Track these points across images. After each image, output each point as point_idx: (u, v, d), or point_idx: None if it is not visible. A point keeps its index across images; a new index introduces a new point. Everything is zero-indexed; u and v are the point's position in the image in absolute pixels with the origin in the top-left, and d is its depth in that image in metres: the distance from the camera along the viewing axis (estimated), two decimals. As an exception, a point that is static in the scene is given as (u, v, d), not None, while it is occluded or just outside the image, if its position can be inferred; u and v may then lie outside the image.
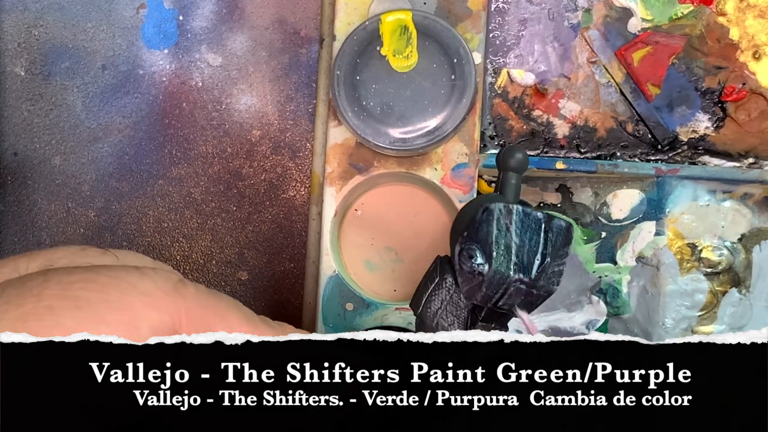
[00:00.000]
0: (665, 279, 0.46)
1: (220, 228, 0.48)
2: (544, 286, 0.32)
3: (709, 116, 0.46)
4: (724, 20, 0.46)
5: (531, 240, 0.32)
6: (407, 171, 0.45)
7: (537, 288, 0.32)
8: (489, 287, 0.32)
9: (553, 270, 0.32)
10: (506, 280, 0.31)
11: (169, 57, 0.47)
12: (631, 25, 0.46)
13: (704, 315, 0.47)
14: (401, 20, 0.42)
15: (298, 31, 0.47)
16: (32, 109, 0.47)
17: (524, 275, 0.32)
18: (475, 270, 0.32)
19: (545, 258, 0.32)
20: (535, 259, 0.32)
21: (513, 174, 0.35)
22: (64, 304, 0.25)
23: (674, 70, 0.46)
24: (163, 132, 0.48)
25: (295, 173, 0.48)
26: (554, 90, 0.46)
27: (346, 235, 0.46)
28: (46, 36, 0.47)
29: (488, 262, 0.31)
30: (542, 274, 0.32)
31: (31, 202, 0.48)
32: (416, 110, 0.43)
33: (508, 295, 0.32)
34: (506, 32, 0.46)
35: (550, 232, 0.32)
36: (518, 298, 0.32)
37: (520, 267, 0.32)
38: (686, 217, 0.46)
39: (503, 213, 0.32)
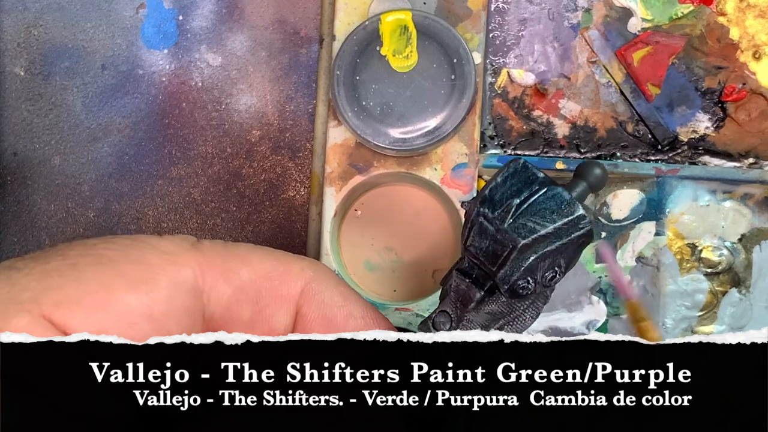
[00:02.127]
0: (665, 279, 0.46)
1: (220, 228, 0.48)
2: (507, 232, 0.30)
3: (709, 116, 0.46)
4: (724, 20, 0.46)
5: (513, 186, 0.30)
6: (407, 171, 0.45)
7: (500, 231, 0.30)
8: (464, 223, 0.31)
9: (524, 223, 0.30)
10: (472, 211, 0.30)
11: (168, 57, 0.47)
12: (631, 25, 0.46)
13: (704, 315, 0.47)
14: (401, 20, 0.42)
15: (298, 31, 0.47)
16: (32, 109, 0.47)
17: (488, 209, 0.30)
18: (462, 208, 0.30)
19: (518, 206, 0.30)
20: (506, 202, 0.30)
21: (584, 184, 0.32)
22: (87, 261, 0.26)
23: (674, 70, 0.46)
24: (163, 132, 0.48)
25: (295, 173, 0.48)
26: (554, 90, 0.46)
27: (345, 235, 0.46)
28: (46, 36, 0.47)
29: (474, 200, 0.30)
30: (507, 217, 0.30)
31: (30, 202, 0.48)
32: (416, 110, 0.43)
33: (473, 232, 0.30)
34: (506, 32, 0.46)
35: (541, 190, 0.30)
36: (483, 240, 0.30)
37: (487, 202, 0.30)
38: (686, 218, 0.46)
39: (510, 163, 0.31)
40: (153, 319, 0.26)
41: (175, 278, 0.27)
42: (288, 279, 0.29)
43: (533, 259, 0.30)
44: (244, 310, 0.29)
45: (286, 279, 0.29)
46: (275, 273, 0.29)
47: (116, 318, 0.26)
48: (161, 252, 0.27)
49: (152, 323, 0.26)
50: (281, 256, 0.30)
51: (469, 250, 0.31)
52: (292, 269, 0.29)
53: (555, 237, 0.30)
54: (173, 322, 0.27)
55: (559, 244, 0.30)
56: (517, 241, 0.30)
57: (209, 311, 0.28)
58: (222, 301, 0.28)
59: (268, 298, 0.29)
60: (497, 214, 0.30)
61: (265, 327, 0.29)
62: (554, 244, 0.30)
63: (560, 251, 0.31)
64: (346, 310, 0.29)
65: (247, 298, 0.28)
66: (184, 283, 0.27)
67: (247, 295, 0.28)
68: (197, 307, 0.28)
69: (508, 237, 0.30)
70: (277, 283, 0.29)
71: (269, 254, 0.29)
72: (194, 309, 0.28)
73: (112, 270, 0.26)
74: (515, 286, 0.31)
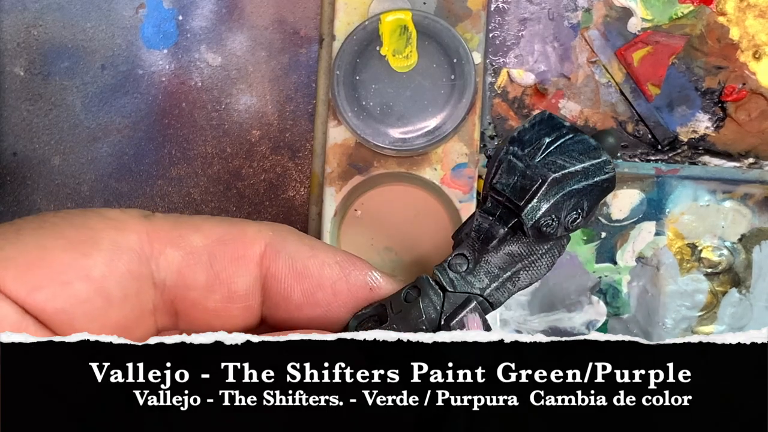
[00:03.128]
0: (665, 279, 0.46)
1: (220, 228, 0.48)
2: (537, 167, 0.30)
3: (709, 116, 0.46)
4: (724, 20, 0.46)
5: (541, 130, 0.31)
6: (407, 171, 0.45)
7: (530, 167, 0.30)
8: (489, 165, 0.31)
9: (553, 160, 0.31)
10: (500, 151, 0.31)
11: (168, 57, 0.47)
12: (631, 24, 0.46)
13: (704, 315, 0.47)
14: (401, 20, 0.42)
15: (298, 31, 0.47)
16: (31, 109, 0.47)
17: (517, 148, 0.31)
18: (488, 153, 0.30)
19: (548, 144, 0.31)
20: (536, 141, 0.31)
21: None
22: (30, 226, 0.26)
23: (674, 70, 0.46)
24: (163, 132, 0.48)
25: (295, 173, 0.48)
26: (554, 90, 0.46)
27: (345, 236, 0.46)
28: (46, 36, 0.47)
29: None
30: (537, 153, 0.31)
31: (30, 202, 0.48)
32: (416, 110, 0.43)
33: (501, 170, 0.31)
34: (506, 32, 0.46)
35: (569, 134, 0.31)
36: (510, 177, 0.31)
37: (517, 141, 0.31)
38: (686, 218, 0.46)
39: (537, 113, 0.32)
40: (90, 279, 0.26)
41: (117, 241, 0.27)
42: (244, 241, 0.29)
43: (561, 195, 0.31)
44: (198, 274, 0.28)
45: (241, 241, 0.29)
46: (229, 236, 0.29)
47: (50, 276, 0.26)
48: (106, 218, 0.27)
49: (89, 283, 0.26)
50: (236, 222, 0.29)
51: (495, 188, 0.31)
52: (247, 232, 0.29)
53: (582, 176, 0.31)
54: (114, 285, 0.27)
55: (585, 184, 0.31)
56: (548, 174, 0.30)
57: (160, 277, 0.28)
58: (172, 266, 0.28)
59: (223, 261, 0.28)
60: (527, 152, 0.31)
61: (224, 290, 0.29)
62: (580, 183, 0.31)
63: (585, 192, 0.31)
64: (317, 260, 0.29)
65: (200, 262, 0.28)
66: (127, 247, 0.27)
67: (200, 259, 0.28)
68: (143, 272, 0.28)
69: (538, 171, 0.30)
70: (232, 246, 0.29)
71: (222, 221, 0.29)
72: (139, 273, 0.27)
73: (53, 233, 0.26)
74: (539, 224, 0.31)
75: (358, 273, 0.30)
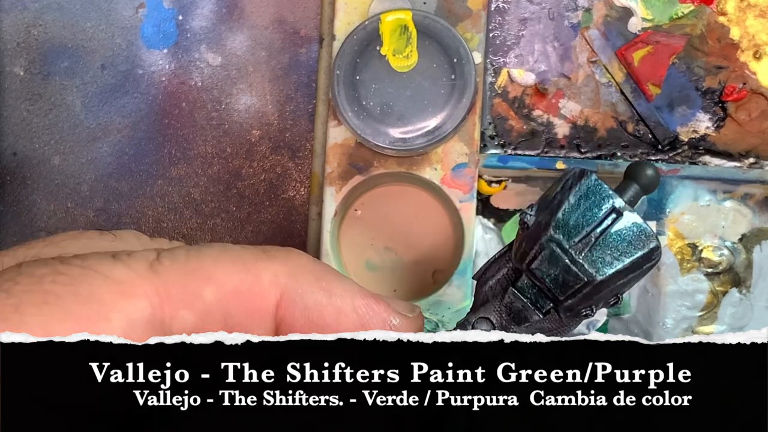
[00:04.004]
0: (665, 279, 0.46)
1: (220, 228, 0.48)
2: (583, 266, 0.28)
3: (709, 116, 0.46)
4: (724, 20, 0.46)
5: (587, 210, 0.29)
6: (407, 171, 0.45)
7: (576, 264, 0.28)
8: (527, 240, 0.29)
9: (601, 257, 0.28)
10: (542, 234, 0.29)
11: (168, 57, 0.47)
12: (632, 24, 0.46)
13: (705, 315, 0.47)
14: (401, 20, 0.42)
15: (298, 31, 0.47)
16: (31, 109, 0.47)
17: (562, 236, 0.28)
18: (524, 221, 0.28)
19: (596, 238, 0.28)
20: (582, 230, 0.29)
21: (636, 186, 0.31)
22: (32, 300, 0.25)
23: (675, 70, 0.46)
24: (163, 132, 0.48)
25: (295, 173, 0.48)
26: (554, 90, 0.46)
27: (345, 236, 0.46)
28: (45, 36, 0.47)
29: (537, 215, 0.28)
30: (584, 249, 0.28)
31: (30, 202, 0.48)
32: (416, 110, 0.43)
33: (542, 257, 0.29)
34: (506, 32, 0.46)
35: (618, 219, 0.29)
36: (552, 268, 0.29)
37: (561, 228, 0.29)
38: (687, 217, 0.46)
39: (575, 175, 0.29)
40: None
41: (129, 314, 0.26)
42: (260, 291, 0.27)
43: (605, 292, 0.29)
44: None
45: (257, 292, 0.27)
46: (244, 286, 0.27)
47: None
48: (113, 282, 0.26)
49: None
50: (251, 263, 0.27)
51: (534, 273, 0.29)
52: (262, 279, 0.27)
53: (630, 270, 0.29)
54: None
55: (632, 276, 0.30)
56: (595, 277, 0.29)
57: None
58: (186, 329, 0.26)
59: (238, 316, 0.27)
60: (572, 244, 0.29)
61: None
62: (627, 277, 0.29)
63: (629, 281, 0.30)
64: (333, 309, 0.28)
65: (214, 321, 0.27)
66: (140, 318, 0.26)
67: (214, 318, 0.27)
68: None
69: (584, 271, 0.29)
70: (248, 298, 0.27)
71: (236, 262, 0.27)
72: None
73: (58, 312, 0.25)
74: (578, 312, 0.30)
75: (376, 320, 0.28)
